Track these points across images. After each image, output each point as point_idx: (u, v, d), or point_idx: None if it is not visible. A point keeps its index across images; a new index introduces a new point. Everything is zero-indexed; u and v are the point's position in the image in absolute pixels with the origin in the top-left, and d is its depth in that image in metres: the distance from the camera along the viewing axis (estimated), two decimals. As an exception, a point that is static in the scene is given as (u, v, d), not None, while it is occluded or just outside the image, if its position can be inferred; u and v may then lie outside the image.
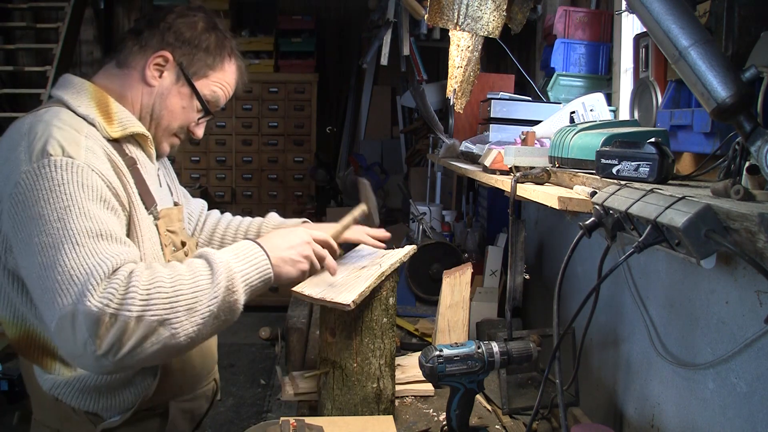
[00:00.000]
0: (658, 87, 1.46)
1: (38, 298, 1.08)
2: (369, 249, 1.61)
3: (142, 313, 1.03)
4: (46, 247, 1.06)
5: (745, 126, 0.91)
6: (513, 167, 1.56)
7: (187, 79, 1.31)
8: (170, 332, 1.06)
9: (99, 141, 1.20)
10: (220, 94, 1.37)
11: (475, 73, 2.25)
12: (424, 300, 2.44)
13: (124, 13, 5.98)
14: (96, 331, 1.01)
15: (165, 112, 1.32)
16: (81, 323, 1.01)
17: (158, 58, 1.29)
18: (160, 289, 1.06)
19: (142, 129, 1.29)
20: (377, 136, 5.65)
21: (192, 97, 1.33)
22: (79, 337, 1.01)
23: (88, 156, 1.14)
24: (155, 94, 1.30)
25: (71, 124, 1.18)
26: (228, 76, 1.37)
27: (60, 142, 1.12)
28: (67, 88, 1.27)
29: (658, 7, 0.97)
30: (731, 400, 1.02)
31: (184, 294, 1.08)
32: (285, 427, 1.26)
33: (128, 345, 1.02)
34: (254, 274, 1.20)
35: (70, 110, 1.22)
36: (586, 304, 1.11)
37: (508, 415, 1.57)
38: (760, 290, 0.95)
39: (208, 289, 1.11)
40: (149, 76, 1.29)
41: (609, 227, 1.04)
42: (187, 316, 1.07)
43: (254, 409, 3.83)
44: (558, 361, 1.13)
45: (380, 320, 1.43)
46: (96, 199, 1.12)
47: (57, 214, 1.07)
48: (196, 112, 1.35)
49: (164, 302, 1.05)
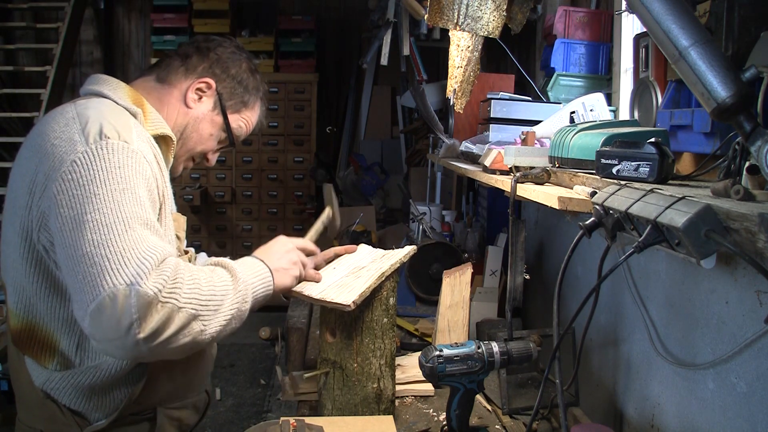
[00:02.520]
0: (658, 87, 1.46)
1: (79, 277, 1.07)
2: (368, 249, 1.61)
3: (184, 305, 1.08)
4: (99, 224, 1.07)
5: (745, 126, 0.91)
6: (513, 167, 1.56)
7: (222, 110, 1.40)
8: (200, 328, 1.11)
9: (143, 132, 1.25)
10: (244, 130, 1.47)
11: (475, 73, 2.25)
12: (424, 300, 2.44)
13: (124, 13, 5.98)
14: (145, 314, 1.03)
15: (195, 134, 1.39)
16: (133, 304, 1.02)
17: (202, 83, 1.37)
18: (199, 285, 1.12)
19: (170, 132, 1.33)
20: (377, 136, 5.65)
21: (221, 127, 1.41)
22: (124, 319, 1.02)
23: (139, 143, 1.19)
24: (191, 116, 1.37)
25: (117, 114, 1.22)
26: (254, 116, 1.47)
27: (115, 127, 1.16)
28: (102, 84, 1.31)
29: (658, 7, 0.97)
30: (731, 400, 1.02)
31: (215, 295, 1.14)
32: (285, 427, 1.26)
33: (167, 333, 1.06)
34: (260, 287, 1.27)
35: (114, 102, 1.26)
36: (586, 304, 1.11)
37: (508, 415, 1.57)
38: (760, 290, 0.95)
39: (231, 294, 1.17)
40: (190, 98, 1.37)
41: (609, 227, 1.04)
42: (215, 315, 1.13)
43: (254, 409, 3.83)
44: (558, 361, 1.13)
45: (380, 320, 1.43)
46: (145, 188, 1.16)
47: (112, 195, 1.10)
48: (219, 141, 1.44)
49: (200, 298, 1.11)
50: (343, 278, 1.46)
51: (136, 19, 5.99)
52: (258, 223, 5.70)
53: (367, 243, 3.49)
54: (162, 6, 5.53)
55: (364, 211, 3.72)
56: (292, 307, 2.26)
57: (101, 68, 5.88)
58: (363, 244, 1.65)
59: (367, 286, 1.37)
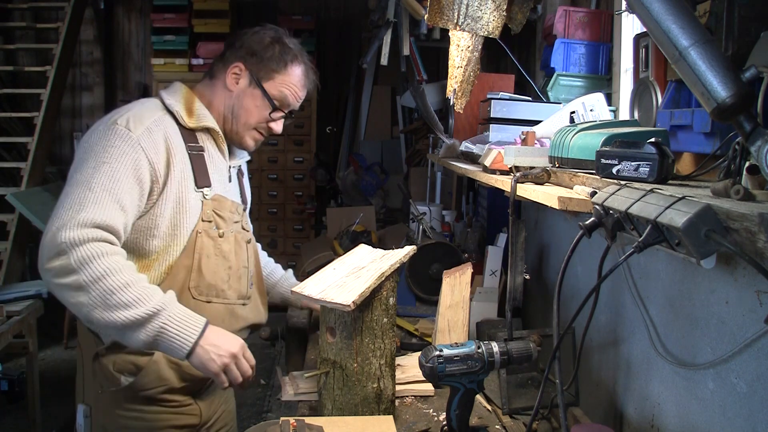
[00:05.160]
0: (658, 87, 1.46)
1: None
2: (368, 249, 1.61)
3: (81, 269, 1.28)
4: (76, 182, 1.37)
5: (745, 126, 0.91)
6: (513, 167, 1.56)
7: (257, 83, 1.60)
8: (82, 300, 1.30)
9: (166, 128, 1.49)
10: (287, 93, 1.63)
11: (475, 73, 2.25)
12: (424, 300, 2.44)
13: (124, 13, 5.98)
14: (50, 254, 1.30)
15: (242, 111, 1.61)
16: (46, 242, 1.31)
17: (234, 68, 1.60)
18: (111, 273, 1.30)
19: (213, 124, 1.58)
20: (377, 136, 5.65)
21: (263, 97, 1.60)
22: (42, 251, 1.32)
23: (143, 135, 1.43)
24: (234, 96, 1.61)
25: (148, 110, 1.50)
26: (292, 78, 1.63)
27: (128, 118, 1.45)
28: (168, 89, 1.61)
29: (658, 7, 0.97)
30: (731, 400, 1.02)
31: (116, 291, 1.30)
32: (285, 427, 1.26)
33: (59, 280, 1.30)
34: (173, 343, 1.34)
35: (161, 102, 1.55)
36: (586, 304, 1.12)
37: (508, 415, 1.57)
38: (760, 290, 0.95)
39: (134, 310, 1.30)
40: (229, 83, 1.61)
41: (609, 227, 1.04)
42: (103, 305, 1.30)
43: (254, 409, 3.83)
44: (558, 361, 1.13)
45: (380, 320, 1.43)
46: (130, 167, 1.40)
47: (94, 162, 1.38)
48: (268, 109, 1.62)
49: (99, 279, 1.29)
50: (343, 278, 1.46)
51: (136, 19, 5.99)
52: (258, 223, 5.69)
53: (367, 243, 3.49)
54: (162, 6, 5.53)
55: (364, 211, 3.71)
56: (291, 308, 2.26)
57: (101, 68, 5.88)
58: (363, 245, 1.65)
59: (367, 287, 1.37)
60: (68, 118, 5.97)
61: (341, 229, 3.46)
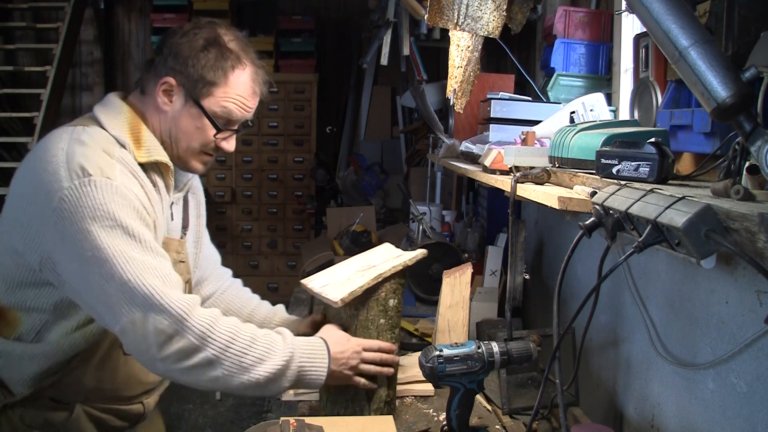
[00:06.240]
0: (658, 87, 1.46)
1: (97, 304, 1.20)
2: (390, 247, 1.61)
3: (206, 346, 1.19)
4: (101, 261, 1.16)
5: (745, 126, 0.91)
6: (513, 167, 1.56)
7: (194, 101, 1.33)
8: (216, 375, 1.20)
9: (129, 165, 1.27)
10: (233, 108, 1.35)
11: (475, 73, 2.25)
12: (424, 300, 2.44)
13: (124, 13, 5.98)
14: (162, 342, 1.16)
15: (181, 134, 1.35)
16: (150, 331, 1.16)
17: (163, 84, 1.32)
18: (234, 336, 1.22)
19: (165, 159, 1.34)
20: (377, 136, 5.64)
21: (202, 116, 1.33)
22: (145, 341, 1.17)
23: (122, 177, 1.23)
24: (169, 118, 1.34)
25: (105, 147, 1.25)
26: (237, 89, 1.35)
27: (98, 163, 1.21)
28: (106, 108, 1.34)
29: (658, 7, 0.97)
30: (731, 400, 1.02)
31: (248, 353, 1.23)
32: (285, 427, 1.26)
33: (182, 364, 1.18)
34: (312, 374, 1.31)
35: (106, 131, 1.28)
36: (586, 304, 1.11)
37: (508, 415, 1.57)
38: (760, 290, 0.95)
39: (270, 362, 1.24)
40: (160, 103, 1.34)
41: (609, 227, 1.04)
42: (240, 370, 1.22)
43: (254, 409, 3.83)
44: (558, 361, 1.13)
45: (376, 321, 1.43)
46: (135, 217, 1.22)
47: (105, 231, 1.17)
48: (212, 130, 1.36)
49: (227, 348, 1.21)
50: (351, 275, 1.47)
51: (136, 19, 5.98)
52: (258, 223, 5.69)
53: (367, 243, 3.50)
54: (162, 6, 5.52)
55: (364, 211, 3.71)
56: (292, 307, 2.26)
57: (101, 68, 5.87)
58: (387, 243, 1.64)
59: (359, 286, 1.38)
60: (68, 118, 5.86)
61: (341, 229, 3.47)
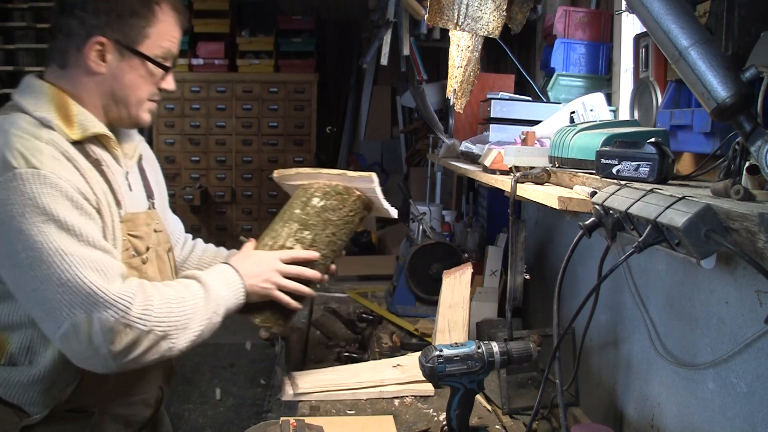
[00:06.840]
0: (658, 87, 1.46)
1: (36, 308, 1.15)
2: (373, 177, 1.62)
3: (153, 328, 1.18)
4: (37, 261, 1.11)
5: (745, 126, 0.91)
6: (513, 167, 1.56)
7: (132, 50, 1.26)
8: (169, 346, 1.22)
9: (60, 146, 1.18)
10: (169, 46, 1.32)
11: (475, 73, 2.25)
12: (424, 300, 2.44)
13: (124, 13, 5.97)
14: (112, 338, 1.14)
15: (127, 90, 1.29)
16: (96, 331, 1.12)
17: (93, 45, 1.23)
18: (169, 306, 1.22)
19: (103, 130, 1.27)
20: (377, 136, 5.64)
21: (145, 63, 1.28)
22: (93, 342, 1.13)
23: (52, 164, 1.15)
24: (108, 78, 1.26)
25: (31, 132, 1.16)
26: (168, 27, 1.30)
27: (22, 153, 1.13)
28: (25, 93, 1.25)
29: (658, 7, 0.97)
30: (731, 400, 1.02)
31: (185, 313, 1.24)
32: (285, 427, 1.26)
33: (135, 352, 1.17)
34: (232, 301, 1.36)
35: (28, 115, 1.20)
36: (586, 304, 1.12)
37: (508, 415, 1.57)
38: (760, 290, 0.95)
39: (202, 311, 1.27)
40: (94, 67, 1.25)
41: (609, 227, 1.04)
42: (184, 332, 1.24)
43: (254, 409, 3.83)
44: (558, 361, 1.13)
45: (291, 210, 1.63)
46: (70, 207, 1.14)
47: (37, 228, 1.11)
48: (158, 73, 1.31)
49: (170, 319, 1.21)
50: None
51: (136, 19, 5.98)
52: (258, 223, 5.69)
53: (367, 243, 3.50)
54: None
55: (364, 211, 3.71)
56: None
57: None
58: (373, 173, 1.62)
59: (297, 171, 1.68)
60: (68, 118, 5.96)
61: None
